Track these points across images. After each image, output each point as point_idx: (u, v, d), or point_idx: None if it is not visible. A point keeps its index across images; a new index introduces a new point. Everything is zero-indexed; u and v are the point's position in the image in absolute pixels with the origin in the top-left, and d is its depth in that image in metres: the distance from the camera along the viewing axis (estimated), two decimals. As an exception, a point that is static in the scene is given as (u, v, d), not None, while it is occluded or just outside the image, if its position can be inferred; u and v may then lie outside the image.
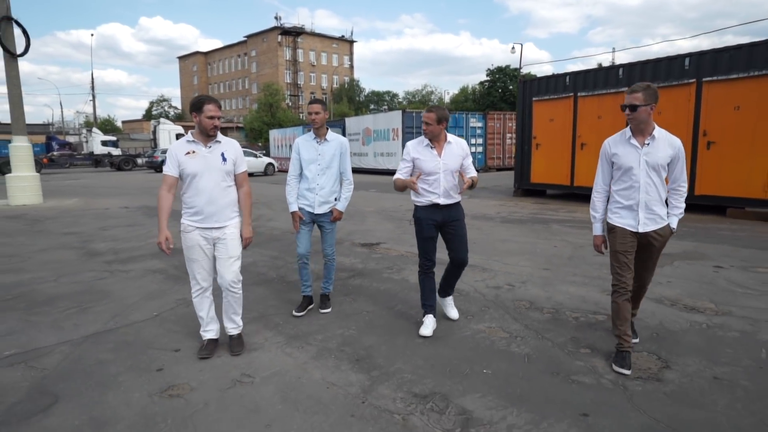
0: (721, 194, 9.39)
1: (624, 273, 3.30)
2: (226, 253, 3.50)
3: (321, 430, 2.62)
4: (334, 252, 4.54)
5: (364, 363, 3.43)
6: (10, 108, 13.62)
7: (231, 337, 3.68)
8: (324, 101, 4.41)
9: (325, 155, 4.25)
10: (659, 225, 3.29)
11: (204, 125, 3.37)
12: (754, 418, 2.65)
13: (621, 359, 3.24)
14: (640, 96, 3.13)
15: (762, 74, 8.67)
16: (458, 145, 3.89)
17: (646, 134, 3.24)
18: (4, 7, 12.96)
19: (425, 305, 3.99)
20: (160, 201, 3.39)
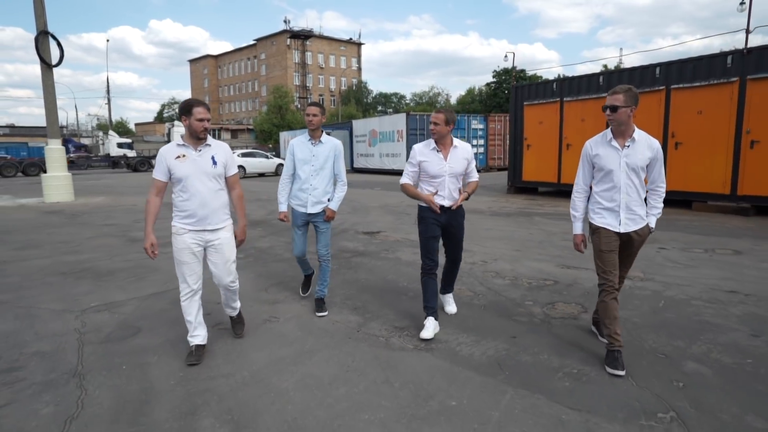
0: (687, 189, 10.45)
1: (610, 272, 3.33)
2: (222, 257, 3.56)
3: (328, 345, 3.78)
4: (329, 253, 4.52)
5: (360, 310, 4.58)
6: (46, 114, 14.94)
7: (232, 318, 3.98)
8: (322, 104, 4.46)
9: (319, 156, 4.33)
10: (639, 225, 3.35)
11: (194, 128, 3.37)
12: (633, 339, 3.77)
13: (613, 360, 3.23)
14: (620, 97, 3.17)
15: (720, 82, 9.73)
16: (464, 149, 3.97)
17: (626, 136, 3.28)
18: (42, 23, 14.28)
19: (426, 307, 3.96)
20: (148, 206, 3.40)
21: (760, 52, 9.27)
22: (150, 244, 3.34)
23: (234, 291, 3.77)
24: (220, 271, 3.58)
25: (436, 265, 3.95)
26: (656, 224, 3.45)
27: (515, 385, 3.08)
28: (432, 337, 3.83)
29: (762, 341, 3.68)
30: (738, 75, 9.48)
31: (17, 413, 2.84)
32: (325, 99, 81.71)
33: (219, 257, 3.55)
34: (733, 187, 9.71)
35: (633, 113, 3.21)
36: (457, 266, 4.31)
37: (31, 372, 3.38)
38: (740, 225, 8.66)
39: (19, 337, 4.00)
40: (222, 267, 3.57)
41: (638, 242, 3.40)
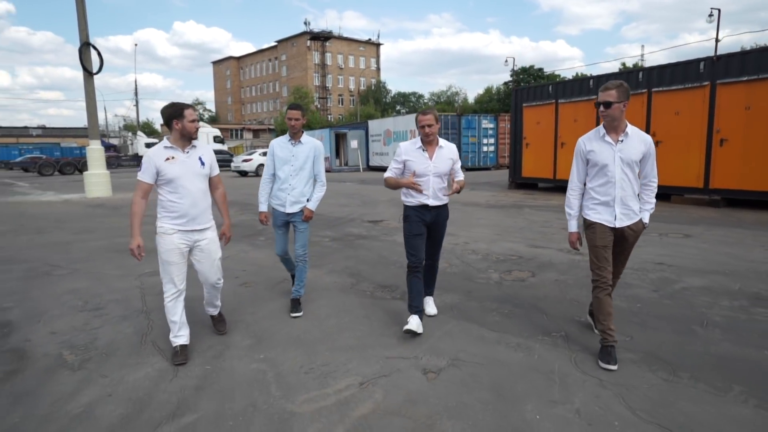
0: (666, 184, 11.38)
1: (604, 268, 3.36)
2: (209, 256, 3.64)
3: (326, 297, 4.99)
4: (306, 253, 4.55)
5: (356, 276, 5.79)
6: (87, 117, 16.52)
7: (213, 317, 4.05)
8: (302, 107, 4.50)
9: (298, 157, 4.37)
10: (633, 220, 3.37)
11: (188, 129, 3.44)
12: (561, 294, 4.91)
13: (606, 354, 3.28)
14: (613, 93, 3.17)
15: (694, 86, 10.69)
16: (449, 149, 4.01)
17: (619, 131, 3.30)
18: (84, 35, 15.82)
19: (411, 306, 3.96)
20: (134, 207, 3.44)
21: (728, 59, 10.20)
22: (137, 245, 3.39)
23: (218, 289, 3.86)
24: (207, 269, 3.64)
25: (421, 262, 4.00)
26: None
27: (458, 318, 4.25)
28: (416, 330, 3.81)
29: (657, 294, 4.78)
30: (709, 79, 10.42)
31: (110, 332, 4.13)
32: (344, 99, 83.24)
33: (206, 256, 3.61)
34: (705, 181, 10.66)
35: (625, 108, 3.24)
36: (435, 268, 4.33)
37: (112, 310, 4.68)
38: (705, 215, 9.64)
39: (96, 291, 5.32)
40: (209, 266, 3.64)
41: (632, 238, 3.41)
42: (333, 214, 10.95)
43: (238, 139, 66.92)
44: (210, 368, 3.38)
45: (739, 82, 9.96)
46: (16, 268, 6.38)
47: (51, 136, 79.38)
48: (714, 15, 15.14)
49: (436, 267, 4.33)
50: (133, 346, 3.83)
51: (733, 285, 5.04)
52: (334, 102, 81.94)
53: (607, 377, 3.14)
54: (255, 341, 3.88)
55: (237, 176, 27.30)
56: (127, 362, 3.53)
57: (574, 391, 2.98)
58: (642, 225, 3.43)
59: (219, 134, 42.22)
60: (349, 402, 2.91)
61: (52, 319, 4.44)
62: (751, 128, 9.87)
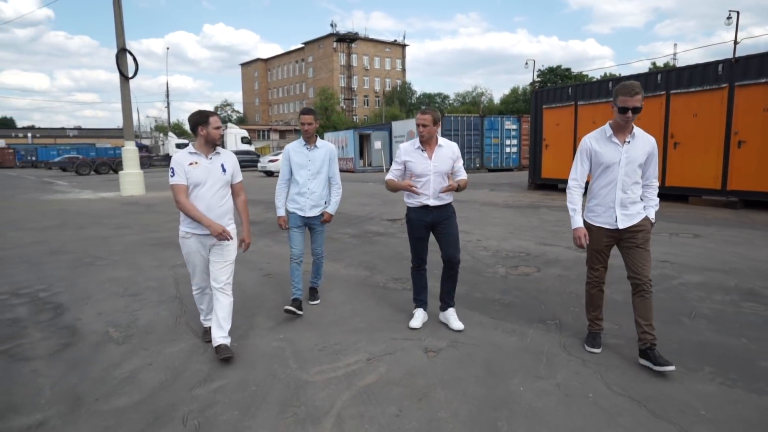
0: (684, 185, 11.49)
1: (598, 269, 3.55)
2: (221, 258, 3.67)
3: (342, 287, 5.40)
4: (323, 252, 4.78)
5: (371, 269, 6.19)
6: (123, 119, 17.36)
7: (219, 347, 3.55)
8: (315, 111, 4.52)
9: (315, 161, 4.44)
10: (636, 220, 3.37)
11: (213, 136, 3.58)
12: (561, 286, 5.21)
13: (591, 339, 3.61)
14: (640, 98, 3.16)
15: (712, 88, 10.75)
16: (449, 148, 3.99)
17: (626, 133, 3.30)
18: (121, 41, 16.65)
19: (416, 300, 4.22)
20: (187, 207, 3.52)
21: (746, 61, 10.25)
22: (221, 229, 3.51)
23: (229, 302, 3.68)
24: (217, 270, 3.66)
25: (423, 262, 4.18)
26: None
27: (462, 307, 4.59)
28: (420, 326, 4.05)
29: (653, 289, 5.03)
30: (727, 81, 10.48)
31: (148, 314, 4.63)
32: (369, 100, 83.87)
33: (219, 257, 3.66)
34: (723, 182, 10.71)
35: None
36: (454, 268, 4.10)
37: (149, 296, 5.19)
38: (720, 216, 9.72)
39: (135, 279, 5.85)
40: (220, 266, 3.66)
41: (641, 237, 3.36)
42: (354, 213, 11.39)
43: (265, 139, 68.15)
44: (236, 344, 3.82)
45: (758, 84, 10.00)
46: (63, 259, 6.99)
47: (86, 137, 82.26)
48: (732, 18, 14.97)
49: (454, 268, 4.10)
50: (168, 326, 4.32)
51: (730, 281, 5.26)
52: (359, 103, 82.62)
53: (590, 358, 3.47)
54: (275, 324, 4.32)
55: (263, 176, 28.00)
56: (164, 338, 4.01)
57: (557, 368, 3.32)
58: (650, 222, 3.40)
59: (246, 135, 43.21)
60: (356, 374, 3.31)
61: (98, 302, 4.97)
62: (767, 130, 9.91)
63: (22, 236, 8.98)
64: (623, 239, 3.39)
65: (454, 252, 4.03)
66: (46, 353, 3.75)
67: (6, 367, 3.51)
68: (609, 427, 2.63)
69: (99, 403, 2.99)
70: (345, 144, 32.60)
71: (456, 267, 4.10)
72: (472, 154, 26.97)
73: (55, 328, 4.29)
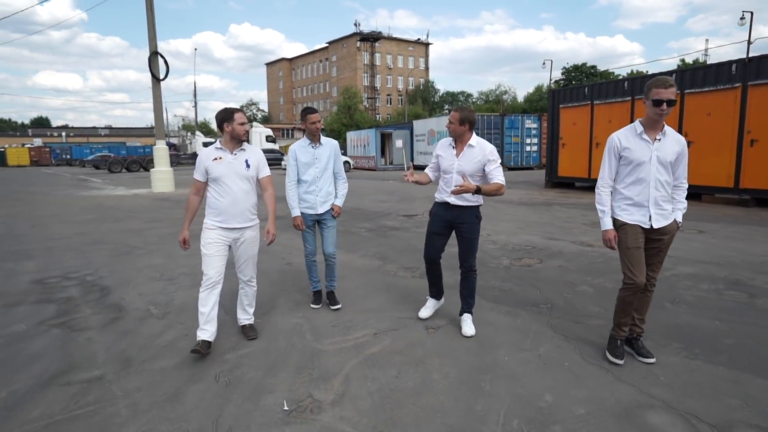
0: (697, 183, 11.64)
1: (637, 271, 3.26)
2: (246, 252, 3.83)
3: (357, 275, 5.89)
4: (335, 252, 4.71)
5: (384, 259, 6.67)
6: (154, 118, 18.19)
7: (244, 326, 4.01)
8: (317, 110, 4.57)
9: (321, 158, 4.50)
10: (668, 221, 3.30)
11: (238, 132, 3.66)
12: (560, 276, 5.60)
13: (613, 347, 3.42)
14: (674, 91, 3.10)
15: (726, 88, 10.91)
16: (481, 149, 3.88)
17: (657, 130, 3.22)
18: (153, 45, 17.46)
19: (430, 291, 4.38)
20: (188, 203, 3.78)
21: (759, 61, 10.39)
22: (183, 239, 3.78)
23: (253, 291, 4.03)
24: (243, 264, 3.86)
25: (434, 263, 4.20)
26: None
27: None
28: (428, 316, 4.24)
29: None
30: (741, 81, 10.63)
31: (183, 295, 5.20)
32: (392, 98, 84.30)
33: (243, 252, 3.82)
34: (736, 180, 10.87)
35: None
36: (471, 276, 4.08)
37: (183, 281, 5.77)
38: (730, 213, 9.91)
39: (169, 266, 6.45)
40: (244, 261, 3.86)
41: (668, 239, 3.31)
42: (372, 209, 11.89)
43: (290, 138, 69.20)
44: (260, 321, 4.34)
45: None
46: (104, 248, 7.65)
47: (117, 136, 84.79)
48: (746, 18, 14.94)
49: (471, 278, 4.07)
50: (201, 305, 4.87)
51: (721, 273, 5.59)
52: (382, 102, 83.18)
53: (570, 334, 3.89)
54: (294, 305, 4.83)
55: (287, 174, 28.66)
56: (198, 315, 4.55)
57: (541, 343, 3.76)
58: (676, 225, 3.34)
59: (271, 134, 44.04)
60: (364, 345, 3.80)
61: (138, 285, 5.57)
62: (780, 129, 10.05)
63: (66, 229, 9.73)
64: (651, 239, 3.30)
65: (466, 257, 4.02)
66: (97, 325, 4.34)
67: (66, 336, 4.10)
68: (576, 387, 3.06)
69: (145, 364, 3.54)
70: (367, 143, 33.15)
71: (470, 272, 4.06)
72: (492, 152, 27.20)
73: (102, 305, 4.89)
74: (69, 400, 3.03)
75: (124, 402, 2.99)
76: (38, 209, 13.30)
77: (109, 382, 3.26)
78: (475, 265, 4.07)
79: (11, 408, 2.94)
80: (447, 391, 3.07)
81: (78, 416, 2.84)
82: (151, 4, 17.30)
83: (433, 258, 4.15)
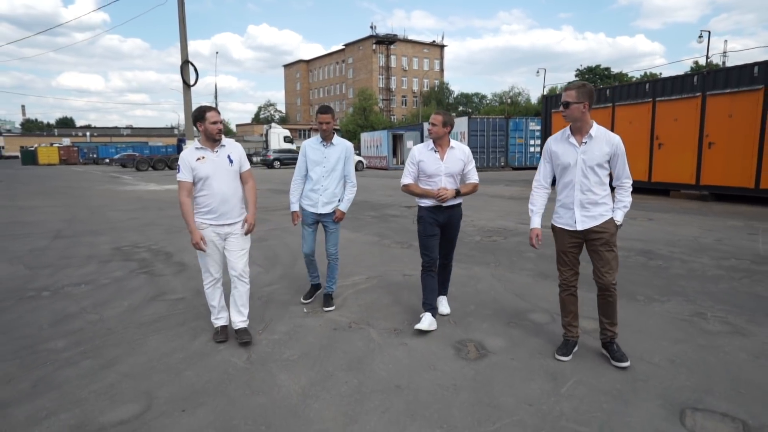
0: (666, 181, 13.16)
1: (565, 271, 3.46)
2: (237, 246, 3.83)
3: (360, 246, 7.59)
4: (338, 252, 4.74)
5: (381, 236, 8.36)
6: (185, 120, 20.11)
7: (238, 330, 3.91)
8: (332, 110, 4.57)
9: (330, 158, 4.48)
10: (598, 221, 3.29)
11: (210, 131, 3.61)
12: (514, 247, 7.24)
13: (563, 346, 3.52)
14: (573, 93, 3.15)
15: (689, 96, 12.40)
16: (461, 150, 4.06)
17: (583, 132, 3.23)
18: (185, 54, 19.39)
19: (425, 304, 4.13)
20: (183, 207, 3.64)
21: (716, 74, 11.88)
22: (199, 238, 3.66)
23: (246, 289, 3.95)
24: (235, 258, 3.84)
25: (434, 262, 4.16)
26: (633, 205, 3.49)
27: (437, 257, 6.71)
28: (426, 329, 3.96)
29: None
30: (701, 91, 12.12)
31: (227, 256, 6.96)
32: (407, 100, 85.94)
33: (234, 245, 3.82)
34: (697, 178, 12.35)
35: (587, 109, 3.17)
36: (449, 269, 4.46)
37: (226, 248, 7.54)
38: (688, 206, 11.41)
39: (213, 240, 8.22)
40: (236, 254, 3.84)
41: (604, 239, 3.29)
42: (379, 202, 13.60)
43: (306, 138, 71.09)
44: (285, 274, 6.06)
45: (724, 94, 11.62)
46: (157, 228, 9.48)
47: (138, 136, 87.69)
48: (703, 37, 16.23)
49: (449, 267, 4.45)
50: (242, 263, 6.62)
51: (638, 246, 7.17)
52: (397, 103, 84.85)
53: (503, 278, 5.54)
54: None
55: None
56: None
57: (481, 280, 5.42)
58: (614, 225, 3.31)
59: (288, 134, 45.94)
60: (357, 284, 5.49)
61: (192, 252, 7.31)
62: (733, 133, 11.52)
63: (119, 215, 11.61)
64: (588, 240, 3.34)
65: (449, 251, 4.34)
66: (170, 273, 6.11)
67: (151, 278, 5.87)
68: (489, 297, 4.73)
69: (211, 292, 5.28)
70: (379, 143, 34.86)
71: (449, 263, 4.45)
72: (497, 153, 28.77)
73: (170, 263, 6.66)
74: (168, 307, 4.79)
75: (203, 309, 4.72)
76: (88, 201, 15.26)
77: (190, 300, 5.01)
78: (452, 257, 4.47)
79: (134, 310, 4.71)
80: (410, 299, 4.76)
81: (174, 315, 4.58)
82: (183, 18, 19.21)
83: (432, 260, 4.17)
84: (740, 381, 3.11)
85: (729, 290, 5.02)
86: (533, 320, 4.30)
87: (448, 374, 3.29)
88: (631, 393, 2.97)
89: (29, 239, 8.41)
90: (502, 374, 3.28)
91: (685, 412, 2.76)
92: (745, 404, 2.83)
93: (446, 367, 3.40)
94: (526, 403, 2.89)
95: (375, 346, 3.78)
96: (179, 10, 18.82)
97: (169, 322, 4.39)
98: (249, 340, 3.82)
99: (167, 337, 4.02)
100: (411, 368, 3.39)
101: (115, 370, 3.41)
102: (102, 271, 6.19)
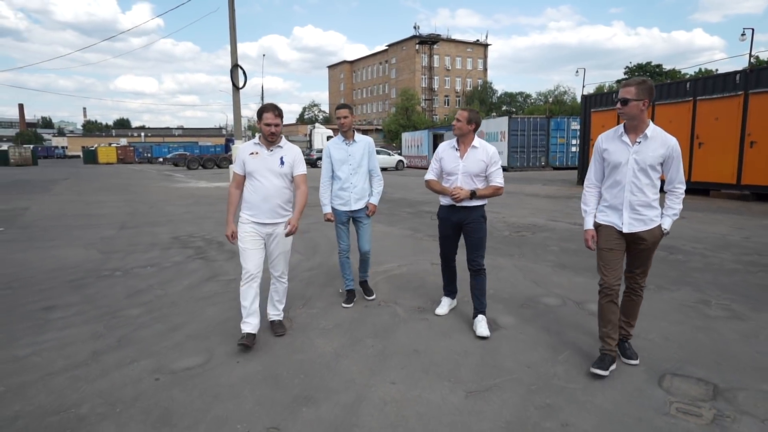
0: (706, 180, 13.06)
1: (608, 273, 3.21)
2: (278, 248, 3.86)
3: (394, 239, 8.12)
4: (371, 249, 4.80)
5: (415, 230, 8.86)
6: (234, 121, 21.23)
7: (273, 322, 4.03)
8: (351, 106, 4.56)
9: (355, 155, 4.52)
10: (648, 227, 3.16)
11: (263, 131, 3.67)
12: (540, 242, 7.60)
13: (600, 361, 3.21)
14: (632, 90, 3.02)
15: (731, 95, 12.29)
16: (484, 150, 3.92)
17: (638, 132, 3.11)
18: (235, 58, 20.46)
19: (444, 290, 4.51)
20: (229, 197, 3.80)
21: (758, 72, 11.74)
22: (231, 233, 3.73)
23: (284, 288, 4.06)
24: (275, 259, 3.89)
25: (450, 260, 4.34)
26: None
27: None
28: (444, 313, 4.35)
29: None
30: (743, 89, 12.01)
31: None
32: (450, 100, 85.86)
33: (275, 248, 3.85)
34: (738, 177, 12.23)
35: (646, 107, 3.05)
36: (481, 275, 4.08)
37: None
38: (726, 206, 11.35)
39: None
40: (276, 256, 3.89)
41: (646, 246, 3.20)
42: (416, 199, 14.10)
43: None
44: (320, 263, 6.66)
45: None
46: (209, 221, 10.33)
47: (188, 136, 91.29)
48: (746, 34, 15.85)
49: (481, 276, 4.08)
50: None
51: (663, 242, 7.34)
52: (440, 103, 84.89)
53: (524, 268, 5.95)
54: (348, 253, 7.14)
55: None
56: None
57: (503, 269, 5.84)
58: (660, 232, 3.19)
59: (331, 134, 46.98)
60: (388, 271, 6.03)
61: (242, 241, 8.07)
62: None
63: (175, 209, 12.58)
64: (630, 242, 3.23)
65: (475, 255, 4.04)
66: (223, 259, 6.82)
67: (206, 263, 6.59)
68: (509, 285, 5.16)
69: (258, 275, 5.93)
70: (420, 143, 35.32)
71: (479, 271, 4.07)
72: (537, 153, 28.69)
73: (222, 250, 7.39)
74: (222, 286, 5.47)
75: (252, 287, 5.36)
76: (146, 197, 16.46)
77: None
78: (484, 264, 4.09)
79: (193, 288, 5.41)
80: (435, 284, 5.26)
81: (227, 292, 5.24)
82: (233, 24, 20.28)
83: (448, 256, 4.27)
84: (724, 355, 3.46)
85: (740, 282, 5.27)
86: (546, 303, 4.72)
87: (461, 342, 3.79)
88: (620, 361, 3.37)
89: (99, 229, 9.39)
90: (509, 345, 3.74)
91: (665, 376, 3.15)
92: (722, 372, 3.20)
93: (460, 337, 3.89)
94: (525, 366, 3.36)
95: (400, 320, 4.32)
96: (230, 18, 19.87)
97: (223, 297, 5.05)
98: (282, 333, 3.95)
99: (222, 309, 4.68)
100: (429, 337, 3.91)
101: (181, 332, 4.08)
102: (164, 256, 6.98)
